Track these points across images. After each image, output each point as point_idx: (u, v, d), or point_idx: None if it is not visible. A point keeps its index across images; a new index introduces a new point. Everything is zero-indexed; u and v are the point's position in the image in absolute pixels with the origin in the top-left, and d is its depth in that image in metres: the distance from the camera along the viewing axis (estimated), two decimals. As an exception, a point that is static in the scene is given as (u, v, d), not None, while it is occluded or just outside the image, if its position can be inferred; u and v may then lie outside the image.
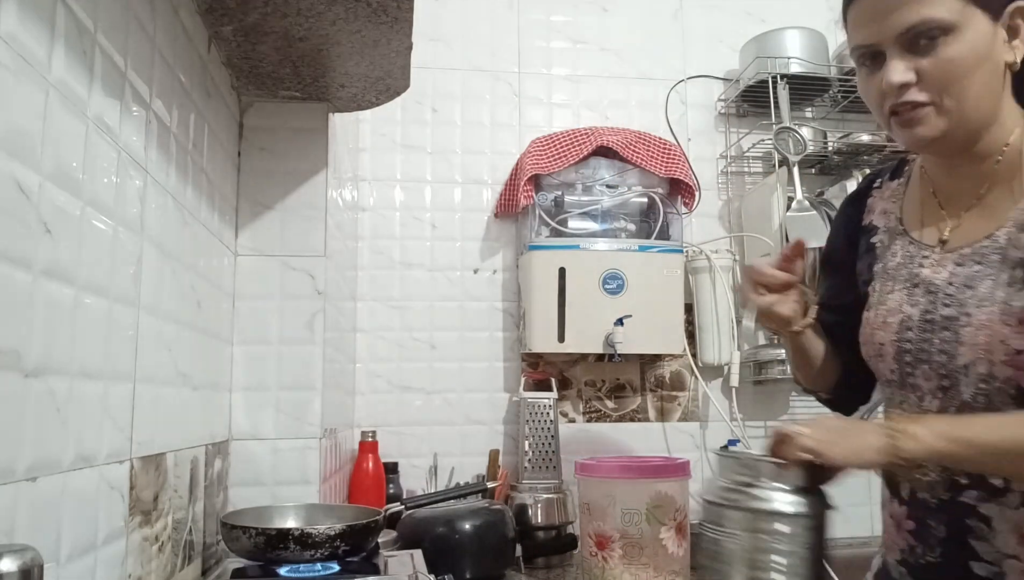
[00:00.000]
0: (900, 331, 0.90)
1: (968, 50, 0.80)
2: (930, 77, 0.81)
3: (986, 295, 0.82)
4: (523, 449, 1.83)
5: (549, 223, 1.96)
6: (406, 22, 1.13)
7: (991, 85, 0.82)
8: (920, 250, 0.91)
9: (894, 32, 0.81)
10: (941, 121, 0.82)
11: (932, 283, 0.88)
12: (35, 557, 0.45)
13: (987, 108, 0.83)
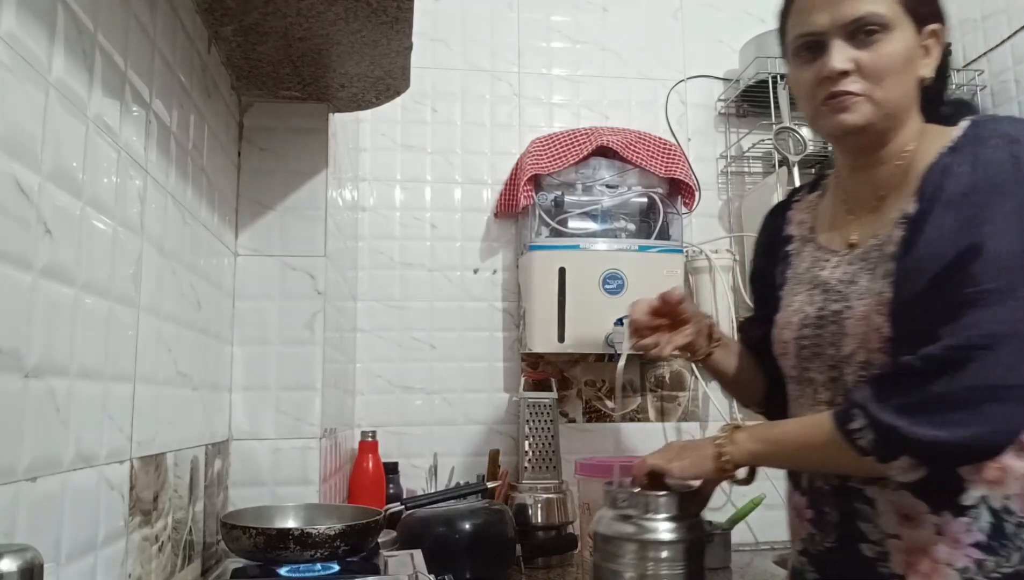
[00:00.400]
0: (800, 329, 0.96)
1: (900, 50, 0.87)
2: (866, 69, 0.87)
3: (865, 289, 0.88)
4: (523, 449, 1.83)
5: (549, 223, 1.96)
6: (406, 22, 1.13)
7: (909, 91, 0.90)
8: (824, 254, 0.98)
9: (840, 22, 0.88)
10: (869, 111, 0.88)
11: (827, 282, 0.95)
12: (35, 557, 0.45)
13: (903, 110, 0.90)
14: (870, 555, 0.87)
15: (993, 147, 0.82)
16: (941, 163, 0.85)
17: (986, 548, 0.80)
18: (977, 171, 0.82)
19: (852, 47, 0.87)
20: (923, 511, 0.83)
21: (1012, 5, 2.02)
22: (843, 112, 0.89)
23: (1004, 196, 0.79)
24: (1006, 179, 0.80)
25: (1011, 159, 0.81)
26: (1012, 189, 0.79)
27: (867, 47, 0.87)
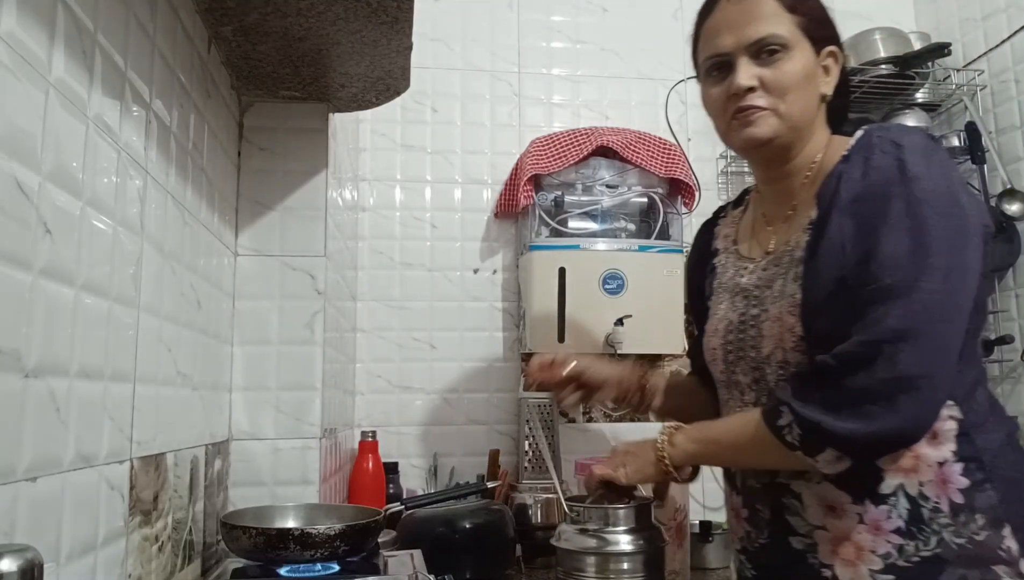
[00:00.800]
0: (725, 335, 1.02)
1: (799, 68, 0.93)
2: (770, 85, 0.93)
3: (779, 292, 0.94)
4: (523, 449, 1.83)
5: (549, 223, 1.96)
6: (406, 22, 1.13)
7: (811, 105, 0.96)
8: (744, 262, 1.03)
9: (745, 43, 0.94)
10: (775, 123, 0.94)
11: (746, 289, 1.00)
12: (35, 557, 0.45)
13: (807, 124, 0.96)
14: (799, 547, 0.91)
15: (881, 153, 0.87)
16: (836, 171, 0.91)
17: (905, 533, 0.84)
18: (868, 176, 0.87)
19: (756, 65, 0.93)
20: (846, 502, 0.87)
21: (1012, 5, 2.02)
22: (751, 125, 0.95)
23: (893, 198, 0.84)
24: (892, 180, 0.85)
25: (896, 162, 0.85)
26: (899, 191, 0.84)
27: (770, 65, 0.93)
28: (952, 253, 0.82)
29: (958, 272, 0.81)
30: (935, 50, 2.06)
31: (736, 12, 0.95)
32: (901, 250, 0.82)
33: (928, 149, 0.86)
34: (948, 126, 2.21)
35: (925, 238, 0.81)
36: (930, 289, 0.80)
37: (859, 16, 2.30)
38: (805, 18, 0.94)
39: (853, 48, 2.13)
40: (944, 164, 0.86)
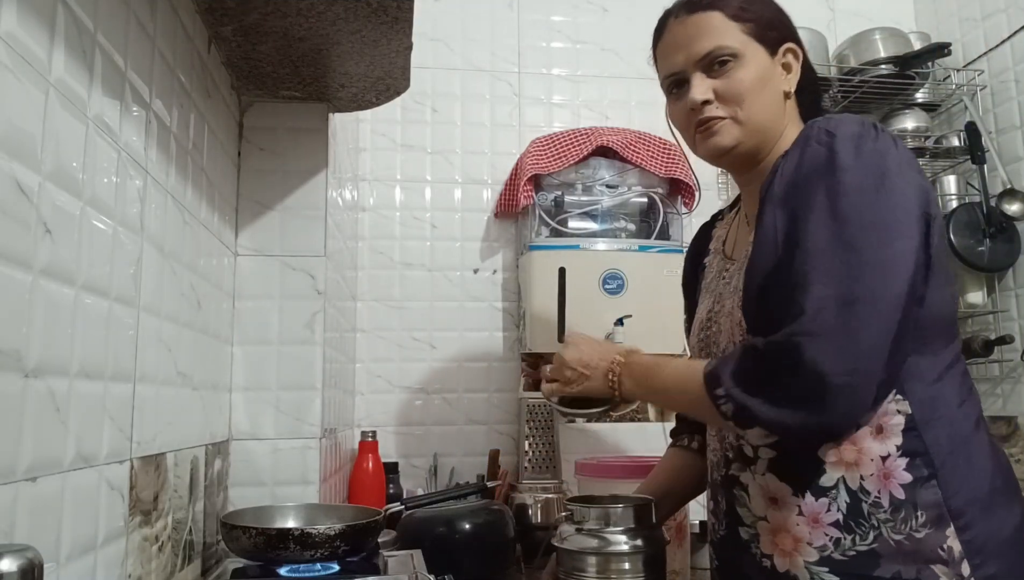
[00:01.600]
0: (698, 333, 1.04)
1: (753, 74, 0.94)
2: (725, 95, 0.95)
3: (734, 287, 0.96)
4: (523, 449, 1.83)
5: (549, 223, 1.96)
6: (406, 22, 1.13)
7: (773, 107, 0.96)
8: (726, 264, 1.04)
9: (694, 58, 0.96)
10: (736, 131, 0.96)
11: (717, 289, 1.02)
12: (35, 557, 0.45)
13: (771, 125, 0.96)
14: (745, 538, 0.93)
15: (815, 144, 0.87)
16: (776, 164, 0.92)
17: (843, 527, 0.84)
18: (800, 168, 0.87)
19: (710, 78, 0.95)
20: (787, 494, 0.88)
21: (1012, 5, 2.02)
22: (713, 136, 0.96)
23: (818, 186, 0.84)
24: (819, 170, 0.85)
25: (827, 151, 0.85)
26: (824, 182, 0.84)
27: (722, 76, 0.94)
28: (877, 246, 0.80)
29: (881, 266, 0.80)
30: (935, 50, 2.07)
31: (683, 31, 0.97)
32: (822, 244, 0.81)
33: (860, 136, 0.85)
34: (948, 126, 2.21)
35: (846, 232, 0.81)
36: (849, 285, 0.79)
37: (859, 16, 2.30)
38: (752, 24, 0.95)
39: (853, 48, 2.13)
40: (877, 151, 0.84)
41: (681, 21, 0.98)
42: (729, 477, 0.96)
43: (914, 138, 2.12)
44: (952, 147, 2.10)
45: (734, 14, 0.95)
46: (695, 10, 0.97)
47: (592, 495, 1.11)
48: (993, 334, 1.99)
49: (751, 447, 0.92)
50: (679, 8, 1.00)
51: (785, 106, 0.98)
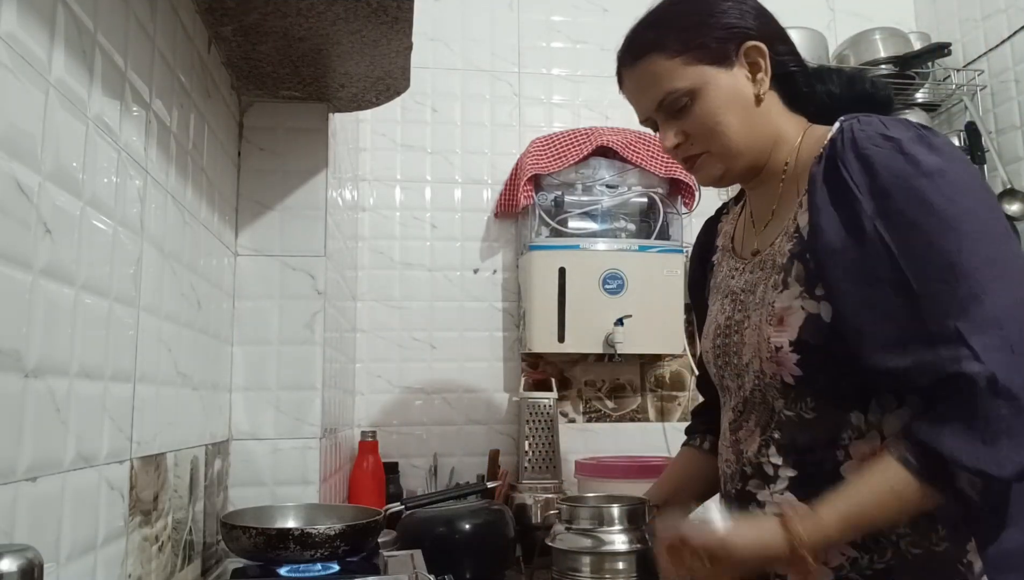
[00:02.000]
0: (715, 338, 0.99)
1: (714, 103, 0.89)
2: (694, 134, 0.92)
3: (760, 299, 0.90)
4: (523, 449, 1.83)
5: (549, 223, 1.96)
6: (406, 22, 1.13)
7: (750, 120, 0.91)
8: (736, 263, 1.00)
9: (652, 107, 0.94)
10: (717, 163, 0.93)
11: (734, 291, 0.97)
12: (35, 557, 0.45)
13: (754, 139, 0.91)
14: None
15: (872, 146, 0.81)
16: (814, 175, 0.85)
17: (860, 546, 0.81)
18: (875, 176, 0.80)
19: (675, 120, 0.92)
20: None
21: (1012, 5, 2.02)
22: (699, 172, 0.95)
23: (921, 191, 0.78)
24: (908, 174, 0.78)
25: (900, 155, 0.79)
26: (925, 183, 0.78)
27: (685, 116, 0.91)
28: (1006, 235, 0.77)
29: (1018, 264, 0.76)
30: (935, 50, 2.07)
31: (633, 81, 0.96)
32: (967, 245, 0.75)
33: (920, 135, 0.81)
34: (948, 126, 2.21)
35: (978, 228, 0.76)
36: (1014, 291, 0.74)
37: (859, 16, 2.30)
38: (696, 51, 0.90)
39: (853, 48, 2.13)
40: (942, 147, 0.80)
41: (630, 71, 0.96)
42: (745, 492, 0.92)
43: (914, 138, 2.12)
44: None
45: (674, 50, 0.90)
46: (638, 58, 0.94)
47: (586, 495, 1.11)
48: (993, 334, 1.99)
49: (772, 466, 0.88)
50: (624, 57, 0.97)
51: (765, 107, 0.92)
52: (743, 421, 0.93)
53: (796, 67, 0.94)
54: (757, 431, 0.90)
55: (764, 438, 0.89)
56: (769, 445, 0.89)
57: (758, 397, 0.90)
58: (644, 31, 0.94)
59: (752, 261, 0.95)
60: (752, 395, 0.91)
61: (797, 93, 0.94)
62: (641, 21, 0.96)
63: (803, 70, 0.95)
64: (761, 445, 0.89)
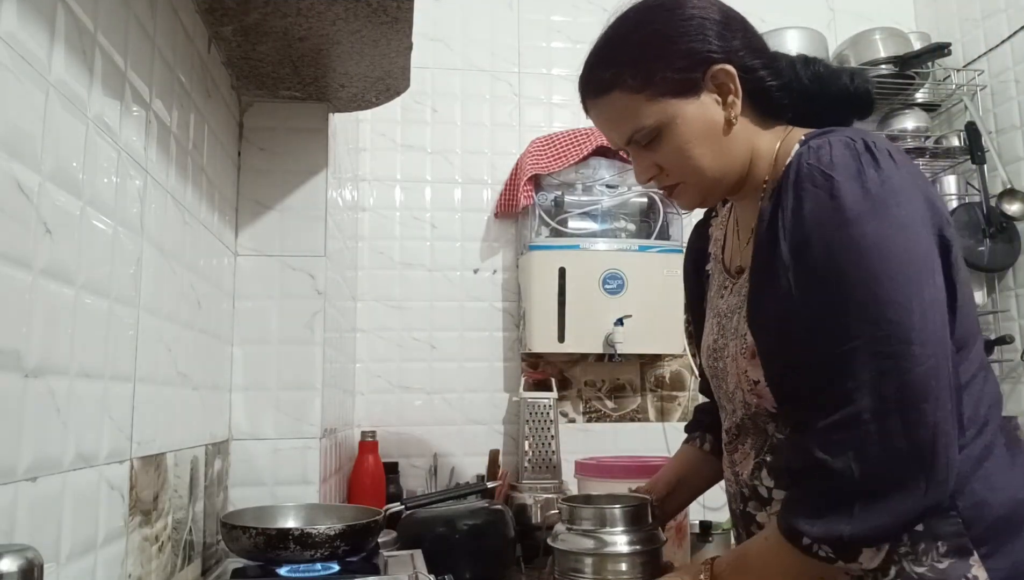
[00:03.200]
0: (707, 357, 0.98)
1: (684, 136, 0.85)
2: (667, 166, 0.88)
3: (735, 328, 0.89)
4: (523, 449, 1.83)
5: (549, 223, 1.96)
6: (406, 22, 1.13)
7: (723, 147, 0.87)
8: (724, 280, 0.97)
9: (620, 144, 0.91)
10: (693, 192, 0.90)
11: (720, 313, 0.96)
12: (35, 557, 0.45)
13: (730, 163, 0.88)
14: None
15: (810, 185, 0.77)
16: (764, 211, 0.83)
17: None
18: (802, 220, 0.77)
19: (647, 151, 0.88)
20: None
21: (1012, 5, 2.02)
22: (678, 199, 0.92)
23: (831, 244, 0.75)
24: (827, 223, 0.75)
25: (829, 198, 0.76)
26: (838, 234, 0.75)
27: (656, 149, 0.87)
28: (911, 296, 0.72)
29: (920, 315, 0.72)
30: (935, 50, 2.07)
31: (598, 115, 0.91)
32: (854, 310, 0.73)
33: (860, 171, 0.76)
34: (948, 126, 2.21)
35: (876, 290, 0.73)
36: (901, 349, 0.71)
37: (859, 16, 2.30)
38: (657, 84, 0.84)
39: (853, 48, 2.13)
40: (882, 182, 0.75)
41: (593, 104, 0.91)
42: (746, 514, 0.92)
43: (914, 138, 2.12)
44: (952, 147, 2.10)
45: (635, 86, 0.85)
46: (599, 94, 0.89)
47: (589, 495, 1.11)
48: (993, 334, 1.99)
49: (765, 488, 0.88)
50: (585, 89, 0.91)
51: (739, 128, 0.87)
52: (738, 443, 0.93)
53: (771, 80, 0.88)
54: (752, 454, 0.90)
55: (758, 460, 0.89)
56: (762, 468, 0.88)
57: (749, 422, 0.90)
58: (602, 66, 0.88)
59: (735, 281, 0.93)
60: (743, 421, 0.91)
61: (772, 104, 0.89)
62: (598, 52, 0.90)
63: (778, 82, 0.89)
64: (755, 468, 0.89)
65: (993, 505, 0.77)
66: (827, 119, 0.89)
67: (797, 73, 0.90)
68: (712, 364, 0.96)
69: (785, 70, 0.90)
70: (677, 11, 0.86)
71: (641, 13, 0.89)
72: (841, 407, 0.73)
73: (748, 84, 0.86)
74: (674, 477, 1.13)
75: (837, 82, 0.91)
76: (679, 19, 0.86)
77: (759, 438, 0.89)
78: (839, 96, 0.91)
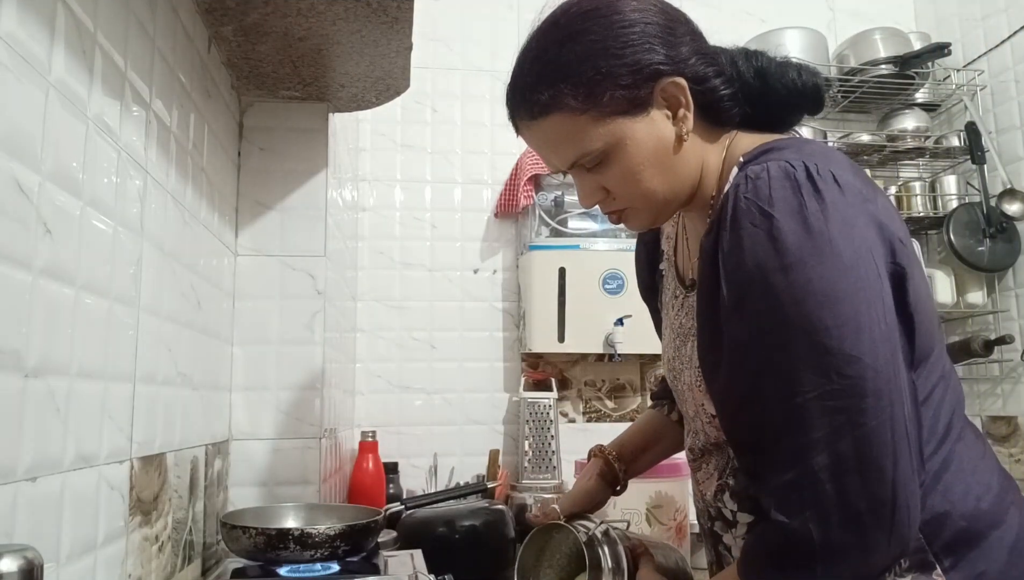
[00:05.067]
0: (667, 369, 0.95)
1: (635, 157, 0.78)
2: (614, 189, 0.81)
3: (688, 357, 0.86)
4: (523, 449, 1.83)
5: (549, 223, 1.96)
6: (406, 22, 1.13)
7: (672, 166, 0.80)
8: (676, 289, 0.93)
9: (561, 166, 0.82)
10: (643, 215, 0.84)
11: (674, 328, 0.91)
12: (35, 557, 0.45)
13: (680, 183, 0.81)
14: None
15: (749, 224, 0.71)
16: (704, 248, 0.77)
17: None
18: (742, 263, 0.71)
19: (592, 174, 0.81)
20: None
21: (1012, 5, 2.02)
22: (627, 222, 0.85)
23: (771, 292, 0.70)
24: (766, 268, 0.70)
25: (767, 238, 0.70)
26: (777, 281, 0.69)
27: (601, 172, 0.80)
28: (861, 345, 0.68)
29: (872, 362, 0.68)
30: (935, 50, 2.07)
31: (535, 138, 0.82)
32: (803, 362, 0.68)
33: (801, 206, 0.70)
34: (948, 126, 2.21)
35: (825, 341, 0.68)
36: (854, 402, 0.67)
37: (859, 16, 2.30)
38: (603, 106, 0.76)
39: (853, 48, 2.13)
40: (826, 217, 0.69)
41: (528, 127, 0.82)
42: (714, 533, 0.90)
43: (914, 138, 2.12)
44: (952, 147, 2.10)
45: (577, 107, 0.77)
46: (535, 117, 0.80)
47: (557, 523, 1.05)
48: (993, 334, 1.99)
49: (729, 511, 0.85)
50: (517, 110, 0.82)
51: (689, 143, 0.80)
52: (702, 462, 0.91)
53: (724, 89, 0.81)
54: (715, 475, 0.88)
55: (720, 483, 0.87)
56: (725, 491, 0.86)
57: (711, 446, 0.88)
58: (537, 85, 0.79)
59: (687, 297, 0.90)
60: (705, 444, 0.89)
61: (722, 113, 0.82)
62: (530, 68, 0.80)
63: (731, 90, 0.82)
64: (718, 490, 0.87)
65: (953, 516, 0.74)
66: (774, 118, 0.85)
67: (739, 70, 0.84)
68: (672, 381, 0.93)
69: (728, 69, 0.83)
70: (615, 17, 0.77)
71: (574, 21, 0.79)
72: (794, 465, 0.69)
73: (699, 96, 0.79)
74: (641, 442, 1.10)
75: (783, 78, 0.84)
76: (619, 26, 0.77)
77: (721, 459, 0.87)
78: (787, 92, 0.84)
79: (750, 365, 0.72)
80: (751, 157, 0.77)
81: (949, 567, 0.74)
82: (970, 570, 0.74)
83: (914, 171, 2.23)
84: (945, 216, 2.01)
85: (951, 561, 0.74)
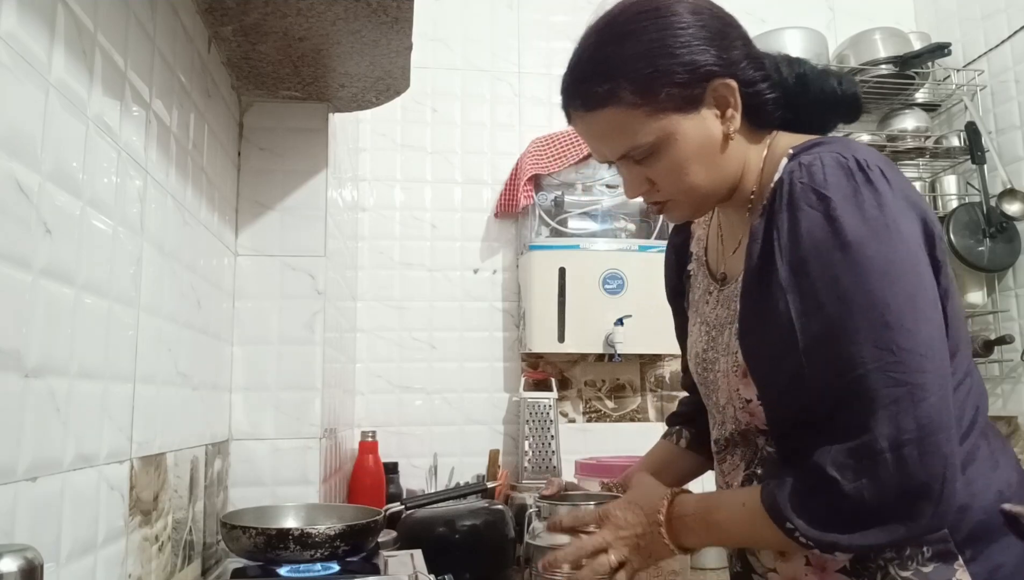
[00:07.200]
0: (695, 364, 0.96)
1: (683, 152, 0.81)
2: (660, 182, 0.84)
3: (725, 345, 0.87)
4: (523, 449, 1.83)
5: (549, 223, 1.96)
6: (406, 22, 1.13)
7: (717, 163, 0.83)
8: (709, 285, 0.95)
9: (613, 156, 0.86)
10: (685, 207, 0.87)
11: (708, 321, 0.93)
12: (35, 557, 0.45)
13: (723, 179, 0.85)
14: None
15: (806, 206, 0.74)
16: (756, 230, 0.80)
17: (850, 572, 0.79)
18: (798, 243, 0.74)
19: (639, 166, 0.84)
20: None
21: (1012, 5, 2.02)
22: (668, 213, 0.89)
23: (833, 268, 0.73)
24: (825, 247, 0.73)
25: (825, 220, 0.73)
26: (838, 257, 0.72)
27: (649, 164, 0.83)
28: (920, 323, 0.71)
29: (928, 342, 0.71)
30: (935, 50, 2.07)
31: (588, 129, 0.86)
32: (863, 335, 0.71)
33: (856, 191, 0.73)
34: (948, 126, 2.21)
35: (885, 316, 0.70)
36: (914, 377, 0.69)
37: (859, 16, 2.30)
38: (658, 101, 0.80)
39: (853, 48, 2.13)
40: (878, 203, 0.73)
41: (582, 118, 0.87)
42: None
43: (914, 138, 2.12)
44: (952, 147, 2.10)
45: (634, 102, 0.80)
46: (591, 108, 0.84)
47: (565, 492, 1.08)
48: (993, 334, 1.99)
49: None
50: (573, 102, 0.87)
51: (735, 141, 0.84)
52: (727, 454, 0.92)
53: (769, 93, 0.84)
54: (742, 466, 0.89)
55: (748, 473, 0.88)
56: (752, 480, 0.87)
57: (739, 437, 0.89)
58: (595, 78, 0.84)
59: (721, 290, 0.92)
60: (733, 435, 0.90)
61: (766, 115, 0.86)
62: (588, 62, 0.85)
63: (776, 94, 0.85)
64: (744, 480, 0.88)
65: (974, 509, 0.77)
66: (813, 123, 0.87)
67: (782, 75, 0.87)
68: (702, 374, 0.94)
69: (773, 74, 0.86)
70: (673, 18, 0.81)
71: (633, 20, 0.83)
72: (855, 435, 0.71)
73: (746, 98, 0.82)
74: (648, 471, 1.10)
75: (824, 85, 0.88)
76: (677, 27, 0.80)
77: (749, 450, 0.88)
78: (827, 100, 0.88)
79: (806, 340, 0.74)
80: (801, 148, 0.80)
81: (970, 558, 0.76)
82: (988, 563, 0.76)
83: (914, 171, 2.23)
84: (945, 216, 2.01)
85: (971, 552, 0.76)
